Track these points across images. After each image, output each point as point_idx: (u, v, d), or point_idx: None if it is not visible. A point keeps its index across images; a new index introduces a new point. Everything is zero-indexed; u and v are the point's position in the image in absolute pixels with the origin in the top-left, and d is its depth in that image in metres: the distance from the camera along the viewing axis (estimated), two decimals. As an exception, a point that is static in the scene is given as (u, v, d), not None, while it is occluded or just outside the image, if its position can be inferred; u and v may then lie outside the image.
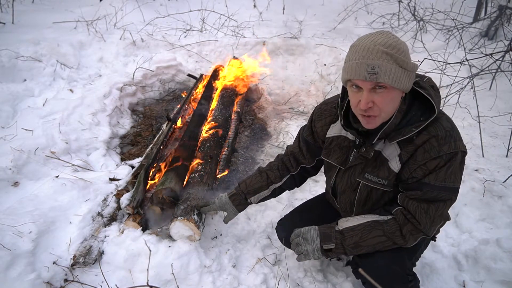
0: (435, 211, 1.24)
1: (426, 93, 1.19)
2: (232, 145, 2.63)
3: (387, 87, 1.12)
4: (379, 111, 1.16)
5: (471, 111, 3.09)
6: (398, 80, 1.11)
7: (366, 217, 1.37)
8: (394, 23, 5.51)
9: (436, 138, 1.18)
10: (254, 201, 1.71)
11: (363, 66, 1.10)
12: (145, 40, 4.31)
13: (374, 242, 1.32)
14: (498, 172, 2.49)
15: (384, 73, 1.09)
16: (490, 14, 4.87)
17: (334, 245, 1.37)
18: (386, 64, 1.09)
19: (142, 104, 3.46)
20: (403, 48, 1.13)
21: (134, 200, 1.93)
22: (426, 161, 1.20)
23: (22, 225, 1.70)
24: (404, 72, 1.12)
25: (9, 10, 4.57)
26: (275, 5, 6.20)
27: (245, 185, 1.69)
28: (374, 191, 1.37)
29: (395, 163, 1.27)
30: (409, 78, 1.15)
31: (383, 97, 1.14)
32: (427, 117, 1.19)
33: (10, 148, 2.21)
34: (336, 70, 4.10)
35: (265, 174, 1.68)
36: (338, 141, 1.45)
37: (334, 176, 1.50)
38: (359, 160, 1.36)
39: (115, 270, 1.69)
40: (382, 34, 1.14)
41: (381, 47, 1.10)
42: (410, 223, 1.27)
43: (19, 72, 3.24)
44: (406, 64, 1.12)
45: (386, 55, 1.09)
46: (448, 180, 1.21)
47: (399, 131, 1.22)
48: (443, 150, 1.17)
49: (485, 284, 1.79)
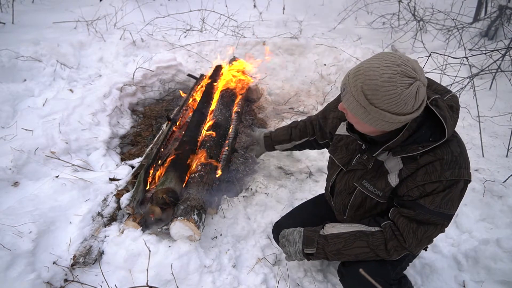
0: (423, 233, 1.22)
1: (439, 114, 1.12)
2: (232, 145, 2.62)
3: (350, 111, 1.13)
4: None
5: (471, 111, 3.09)
6: (356, 113, 1.10)
7: (353, 226, 1.36)
8: (394, 23, 5.51)
9: (440, 162, 1.14)
10: (279, 149, 2.08)
11: (345, 81, 1.12)
12: (145, 40, 4.30)
13: (357, 252, 1.31)
14: (498, 172, 2.49)
15: (347, 99, 1.11)
16: (490, 14, 4.87)
17: (315, 249, 1.37)
18: (350, 94, 1.08)
19: (142, 104, 3.46)
20: (380, 93, 1.01)
21: (134, 200, 1.93)
22: (425, 183, 1.17)
23: (22, 225, 1.70)
24: (364, 111, 1.07)
25: (9, 10, 4.57)
26: (275, 5, 6.20)
27: (275, 133, 2.07)
28: (368, 199, 1.35)
29: (394, 178, 1.24)
30: (372, 119, 1.08)
31: (349, 117, 1.19)
32: (436, 138, 1.13)
33: (10, 148, 2.21)
34: (336, 70, 4.10)
35: (290, 130, 1.97)
36: (347, 141, 1.45)
37: (335, 174, 1.50)
38: (360, 165, 1.35)
39: (115, 270, 1.69)
40: (387, 61, 1.01)
41: (364, 78, 1.02)
42: (397, 239, 1.25)
43: (19, 72, 3.24)
44: (368, 105, 1.05)
45: (360, 89, 1.04)
46: (444, 207, 1.17)
47: (404, 148, 1.18)
48: (444, 176, 1.14)
49: (485, 284, 1.79)
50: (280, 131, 2.03)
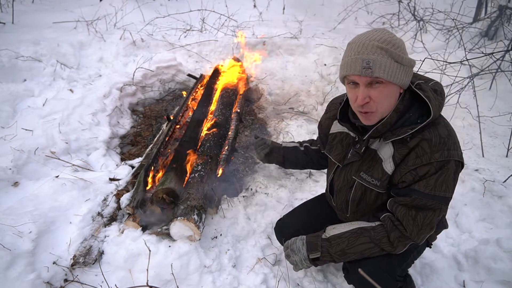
0: (423, 219, 1.22)
1: (424, 95, 1.17)
2: (232, 145, 2.62)
3: (383, 81, 1.12)
4: (375, 106, 1.16)
5: (471, 111, 3.09)
6: (394, 74, 1.11)
7: (353, 224, 1.37)
8: (394, 23, 5.51)
9: (428, 143, 1.16)
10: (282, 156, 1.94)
11: (358, 61, 1.10)
12: (145, 40, 4.30)
13: (362, 249, 1.32)
14: (498, 172, 2.49)
15: (379, 67, 1.09)
16: (490, 14, 4.87)
17: (320, 253, 1.37)
18: (381, 59, 1.09)
19: (142, 104, 3.46)
20: (398, 43, 1.12)
21: (134, 200, 1.93)
22: (416, 167, 1.18)
23: (22, 225, 1.70)
24: (399, 66, 1.11)
25: (9, 10, 4.57)
26: (275, 5, 6.20)
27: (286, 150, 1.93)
28: (368, 191, 1.36)
29: (388, 165, 1.26)
30: (405, 73, 1.14)
31: (379, 92, 1.14)
32: (424, 120, 1.18)
33: (10, 148, 2.21)
34: (336, 70, 4.10)
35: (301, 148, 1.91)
36: (340, 137, 1.46)
37: (332, 173, 1.51)
38: (355, 157, 1.36)
39: (115, 270, 1.69)
40: (378, 30, 1.15)
41: (376, 42, 1.10)
42: (398, 229, 1.26)
43: (19, 72, 3.24)
44: (401, 58, 1.11)
45: (380, 50, 1.09)
46: (439, 189, 1.18)
47: (394, 131, 1.22)
48: (434, 157, 1.15)
49: (485, 284, 1.79)
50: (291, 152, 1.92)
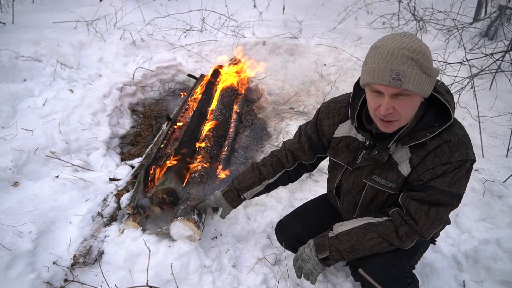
0: (435, 214, 1.24)
1: (443, 99, 1.16)
2: (232, 145, 2.62)
3: (410, 94, 1.08)
4: (399, 116, 1.14)
5: (471, 111, 3.08)
6: (422, 86, 1.08)
7: (361, 220, 1.37)
8: (394, 23, 5.51)
9: (448, 144, 1.17)
10: (248, 197, 1.68)
11: (387, 71, 1.05)
12: (145, 40, 4.30)
13: (371, 244, 1.31)
14: (498, 172, 2.49)
15: (409, 79, 1.04)
16: (490, 14, 4.87)
17: (329, 252, 1.36)
18: (411, 71, 1.04)
19: (142, 104, 3.46)
20: (427, 53, 1.08)
21: (134, 200, 1.93)
22: (435, 166, 1.19)
23: (22, 225, 1.70)
24: (427, 78, 1.08)
25: (9, 10, 4.57)
26: (275, 5, 6.20)
27: (238, 181, 1.66)
28: (380, 193, 1.36)
29: (405, 167, 1.26)
30: (431, 84, 1.12)
31: (404, 103, 1.11)
32: (441, 123, 1.17)
33: (10, 148, 2.21)
34: (336, 70, 4.10)
35: (257, 170, 1.64)
36: (346, 142, 1.43)
37: (340, 175, 1.48)
38: (368, 162, 1.34)
39: (115, 270, 1.69)
40: (406, 36, 1.09)
41: (406, 51, 1.04)
42: (407, 224, 1.26)
43: (19, 72, 3.24)
44: (429, 70, 1.08)
45: (411, 60, 1.04)
46: (453, 186, 1.20)
47: (413, 136, 1.21)
48: (454, 157, 1.17)
49: (485, 284, 1.78)
50: (244, 175, 1.67)
